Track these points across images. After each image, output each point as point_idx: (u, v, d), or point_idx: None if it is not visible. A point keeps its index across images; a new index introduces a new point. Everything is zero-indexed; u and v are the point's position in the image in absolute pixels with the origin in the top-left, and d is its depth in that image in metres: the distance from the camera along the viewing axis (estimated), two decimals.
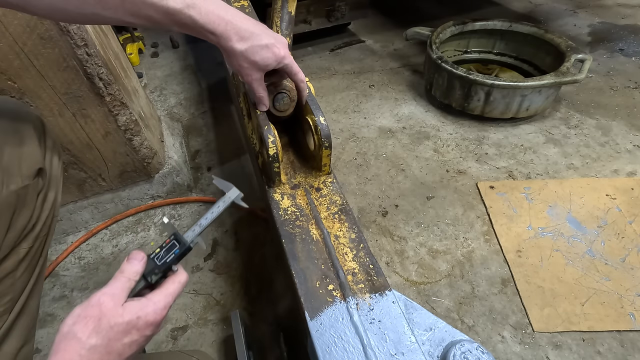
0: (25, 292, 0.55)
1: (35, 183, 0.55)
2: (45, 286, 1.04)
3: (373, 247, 1.07)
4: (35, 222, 0.56)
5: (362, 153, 1.37)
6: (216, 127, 1.54)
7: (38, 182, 0.56)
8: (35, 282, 0.57)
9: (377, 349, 0.50)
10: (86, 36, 0.84)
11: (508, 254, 1.03)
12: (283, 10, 0.72)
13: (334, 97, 1.64)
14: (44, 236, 0.59)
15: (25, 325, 0.56)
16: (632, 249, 1.02)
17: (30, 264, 0.56)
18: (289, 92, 0.72)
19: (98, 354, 0.37)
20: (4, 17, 0.73)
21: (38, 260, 0.58)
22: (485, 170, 1.28)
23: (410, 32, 1.66)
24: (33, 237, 0.55)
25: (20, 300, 0.54)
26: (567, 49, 1.39)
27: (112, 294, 0.40)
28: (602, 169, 1.26)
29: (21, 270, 0.54)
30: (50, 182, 0.59)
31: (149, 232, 1.16)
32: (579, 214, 1.11)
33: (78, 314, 0.38)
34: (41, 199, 0.57)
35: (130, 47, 1.93)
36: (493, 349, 0.86)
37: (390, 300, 0.55)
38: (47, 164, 0.58)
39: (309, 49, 2.00)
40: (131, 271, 0.43)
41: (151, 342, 0.91)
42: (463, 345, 0.50)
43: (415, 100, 1.60)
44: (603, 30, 1.99)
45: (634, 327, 0.87)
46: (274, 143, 0.67)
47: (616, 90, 1.59)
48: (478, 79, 1.32)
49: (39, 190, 0.56)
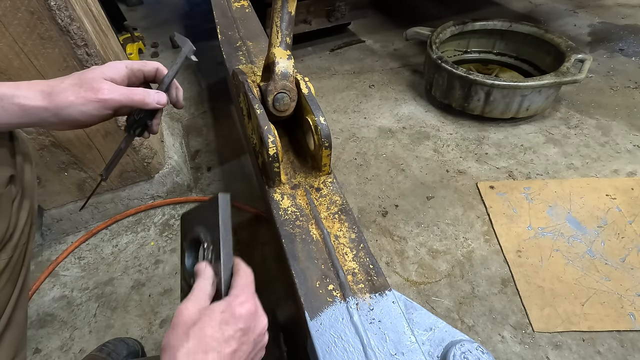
0: (10, 304, 0.53)
1: (9, 191, 0.53)
2: (45, 286, 1.04)
3: (373, 247, 1.07)
4: (12, 231, 0.54)
5: (362, 153, 1.37)
6: (216, 127, 1.54)
7: (11, 189, 0.53)
8: (19, 293, 0.56)
9: (377, 349, 0.50)
10: (86, 36, 0.84)
11: (508, 254, 1.03)
12: (283, 10, 0.72)
13: (334, 97, 1.64)
14: (24, 245, 0.57)
15: (14, 337, 0.54)
16: (632, 249, 1.02)
17: (12, 275, 0.54)
18: (289, 92, 0.72)
19: (193, 355, 0.36)
20: (4, 17, 0.73)
21: (20, 270, 0.56)
22: (485, 170, 1.28)
23: (410, 32, 1.66)
24: (12, 246, 0.53)
25: (6, 312, 0.52)
26: (567, 49, 1.39)
27: (190, 300, 0.40)
28: (602, 169, 1.26)
29: (3, 282, 0.52)
30: (25, 189, 0.57)
31: (149, 232, 1.16)
32: (579, 214, 1.11)
33: (170, 327, 0.39)
34: (16, 206, 0.55)
35: (130, 47, 1.93)
36: (493, 349, 0.86)
37: (390, 300, 0.55)
38: (19, 171, 0.56)
39: (309, 49, 2.00)
40: (206, 277, 0.43)
41: (151, 343, 0.91)
42: (463, 345, 0.50)
43: (415, 100, 1.60)
44: (603, 30, 1.99)
45: (634, 327, 0.87)
46: (274, 143, 0.67)
47: (616, 90, 1.59)
48: (478, 79, 1.32)
49: (13, 198, 0.54)
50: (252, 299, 0.41)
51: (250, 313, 0.40)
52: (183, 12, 2.54)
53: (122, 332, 0.94)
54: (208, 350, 0.36)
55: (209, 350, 0.36)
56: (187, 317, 0.38)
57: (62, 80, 0.47)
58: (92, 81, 0.48)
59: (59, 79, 0.48)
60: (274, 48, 0.74)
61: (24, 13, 0.75)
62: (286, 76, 0.74)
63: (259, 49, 1.10)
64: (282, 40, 0.74)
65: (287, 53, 0.75)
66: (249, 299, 0.41)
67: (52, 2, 0.76)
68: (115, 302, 1.00)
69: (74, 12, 0.82)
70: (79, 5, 0.89)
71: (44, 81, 0.47)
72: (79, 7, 0.88)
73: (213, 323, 0.37)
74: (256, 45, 1.12)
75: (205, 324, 0.37)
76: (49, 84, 0.47)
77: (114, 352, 0.82)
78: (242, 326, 0.38)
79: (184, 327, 0.37)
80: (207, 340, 0.36)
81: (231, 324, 0.38)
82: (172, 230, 1.16)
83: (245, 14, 1.30)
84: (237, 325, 0.38)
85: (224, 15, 1.30)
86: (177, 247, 1.12)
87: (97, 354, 0.81)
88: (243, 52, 1.09)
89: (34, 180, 0.62)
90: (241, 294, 0.41)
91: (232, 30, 1.20)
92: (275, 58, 0.73)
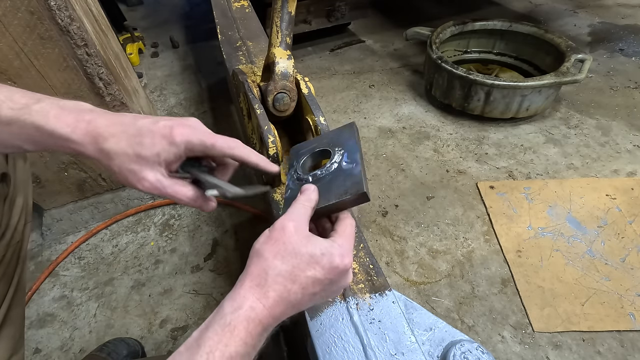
0: (5, 303, 0.53)
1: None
2: (44, 286, 1.04)
3: (373, 247, 1.07)
4: (4, 230, 0.53)
5: (362, 153, 1.37)
6: (216, 127, 1.54)
7: (2, 187, 0.53)
8: (15, 291, 0.55)
9: (377, 349, 0.50)
10: (86, 36, 0.84)
11: (508, 254, 1.03)
12: (283, 10, 0.72)
13: (334, 97, 1.64)
14: (17, 243, 0.56)
15: (11, 336, 0.54)
16: (632, 249, 1.02)
17: (5, 274, 0.53)
18: (289, 92, 0.72)
19: (282, 278, 0.36)
20: (4, 17, 0.73)
21: (15, 269, 0.56)
22: (485, 170, 1.28)
23: (410, 32, 1.66)
24: (4, 245, 0.53)
25: (1, 311, 0.52)
26: (567, 49, 1.39)
27: (295, 220, 0.40)
28: (602, 169, 1.26)
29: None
30: (17, 187, 0.56)
31: (149, 232, 1.16)
32: (579, 214, 1.11)
33: (267, 234, 0.39)
34: (8, 204, 0.54)
35: (130, 47, 1.93)
36: (493, 349, 0.86)
37: (390, 300, 0.55)
38: (10, 167, 0.54)
39: (309, 49, 2.00)
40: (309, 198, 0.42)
41: (151, 343, 0.91)
42: (463, 345, 0.50)
43: (415, 100, 1.60)
44: (603, 30, 1.99)
45: (634, 327, 0.87)
46: (274, 143, 0.67)
47: (616, 90, 1.59)
48: (478, 79, 1.32)
49: (5, 196, 0.53)
50: (350, 254, 0.40)
51: (345, 269, 0.39)
52: (183, 12, 2.54)
53: (122, 332, 0.94)
54: (296, 281, 0.37)
55: (297, 282, 0.37)
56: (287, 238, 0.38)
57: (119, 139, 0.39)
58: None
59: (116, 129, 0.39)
60: (274, 48, 0.74)
61: (24, 13, 0.75)
62: (286, 76, 0.74)
63: (259, 49, 1.10)
64: (282, 40, 0.74)
65: (287, 53, 0.75)
66: (348, 253, 0.40)
67: (52, 2, 0.76)
68: (115, 302, 1.00)
69: (74, 12, 0.82)
70: (79, 5, 0.89)
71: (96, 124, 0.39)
72: (79, 7, 0.88)
73: (311, 260, 0.38)
74: (256, 45, 1.12)
75: (304, 258, 0.37)
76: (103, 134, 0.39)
77: (114, 352, 0.82)
78: (332, 277, 0.39)
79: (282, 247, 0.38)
80: (298, 272, 0.37)
81: (325, 270, 0.38)
82: (172, 230, 1.16)
83: (245, 14, 1.30)
84: (329, 274, 0.38)
85: (224, 15, 1.30)
86: (177, 247, 1.12)
87: (97, 353, 0.81)
88: (243, 52, 1.09)
89: (28, 177, 0.61)
90: (345, 244, 0.40)
91: (232, 30, 1.20)
92: (275, 58, 0.73)
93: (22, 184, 0.57)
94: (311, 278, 0.37)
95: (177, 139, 0.40)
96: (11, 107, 0.37)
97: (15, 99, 0.38)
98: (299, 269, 0.37)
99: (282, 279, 0.37)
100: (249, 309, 0.35)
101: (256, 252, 0.38)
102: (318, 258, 0.38)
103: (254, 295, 0.36)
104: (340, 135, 0.53)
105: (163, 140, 0.40)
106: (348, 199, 0.43)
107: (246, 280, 0.37)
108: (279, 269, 0.37)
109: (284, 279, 0.37)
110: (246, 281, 0.37)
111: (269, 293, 0.36)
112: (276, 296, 0.36)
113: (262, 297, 0.36)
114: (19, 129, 0.37)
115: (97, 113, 0.40)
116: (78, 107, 0.40)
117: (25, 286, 0.60)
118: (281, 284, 0.36)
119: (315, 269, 0.38)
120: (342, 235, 0.42)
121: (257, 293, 0.36)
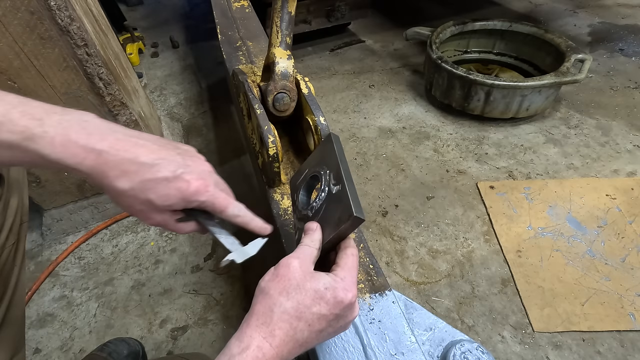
0: (3, 304, 0.53)
1: None
2: (44, 286, 1.04)
3: (373, 247, 1.07)
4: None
5: (362, 153, 1.37)
6: (216, 127, 1.54)
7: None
8: (13, 292, 0.55)
9: (377, 349, 0.50)
10: (86, 36, 0.84)
11: (508, 254, 1.03)
12: (283, 10, 0.72)
13: (334, 97, 1.64)
14: (13, 244, 0.55)
15: (11, 336, 0.54)
16: (632, 249, 1.02)
17: (1, 276, 0.53)
18: (289, 92, 0.72)
19: (287, 315, 0.36)
20: (3, 17, 0.73)
21: (12, 270, 0.55)
22: (485, 170, 1.28)
23: (410, 32, 1.66)
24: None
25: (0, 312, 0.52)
26: (567, 49, 1.39)
27: (300, 258, 0.40)
28: (602, 169, 1.26)
29: None
30: (11, 187, 0.55)
31: (149, 232, 1.16)
32: (579, 214, 1.11)
33: (272, 272, 0.39)
34: (2, 206, 0.53)
35: (130, 47, 1.93)
36: (493, 349, 0.86)
37: (390, 300, 0.55)
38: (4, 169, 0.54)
39: (309, 49, 2.00)
40: (312, 239, 0.42)
41: (151, 343, 0.91)
42: (463, 345, 0.50)
43: (415, 100, 1.60)
44: (603, 30, 1.99)
45: (634, 327, 0.87)
46: (274, 143, 0.67)
47: (616, 90, 1.59)
48: (478, 79, 1.32)
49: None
50: (354, 287, 0.40)
51: (350, 303, 0.39)
52: (183, 12, 2.54)
53: (122, 332, 0.94)
54: (301, 319, 0.37)
55: (302, 319, 0.37)
56: (292, 274, 0.38)
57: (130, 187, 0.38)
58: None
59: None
60: (274, 48, 0.74)
61: (24, 13, 0.75)
62: (286, 76, 0.74)
63: (259, 49, 1.10)
64: (282, 40, 0.74)
65: (287, 53, 0.75)
66: (352, 287, 0.40)
67: (52, 2, 0.76)
68: (115, 302, 1.00)
69: (74, 12, 0.82)
70: (79, 5, 0.89)
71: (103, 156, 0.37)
72: (79, 7, 0.88)
73: (315, 296, 0.37)
74: (256, 45, 1.12)
75: (308, 294, 0.37)
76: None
77: (114, 351, 0.82)
78: (337, 312, 0.38)
79: (287, 284, 0.38)
80: (303, 309, 0.37)
81: (330, 305, 0.38)
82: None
83: (245, 14, 1.30)
84: (334, 309, 0.38)
85: (224, 15, 1.30)
86: (177, 247, 1.12)
87: (97, 353, 0.81)
88: (243, 52, 1.09)
89: (23, 176, 0.59)
90: (347, 277, 0.40)
91: (232, 30, 1.20)
92: (275, 58, 0.73)
93: (15, 183, 0.56)
94: (316, 314, 0.37)
95: (192, 198, 0.40)
96: (11, 131, 0.34)
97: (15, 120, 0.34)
98: (304, 306, 0.37)
99: (288, 317, 0.36)
100: (256, 349, 0.35)
101: (261, 290, 0.38)
102: (322, 293, 0.38)
103: (261, 334, 0.36)
104: (324, 152, 0.51)
105: (177, 193, 0.40)
106: (344, 228, 0.42)
107: (252, 319, 0.37)
108: (285, 306, 0.37)
109: (289, 317, 0.36)
110: (252, 320, 0.37)
111: (276, 331, 0.36)
112: (283, 335, 0.36)
113: (269, 336, 0.36)
114: (21, 153, 0.35)
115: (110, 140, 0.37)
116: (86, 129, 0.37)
117: (24, 286, 0.60)
118: (287, 322, 0.36)
119: (320, 305, 0.37)
120: (344, 268, 0.41)
121: (263, 332, 0.36)
